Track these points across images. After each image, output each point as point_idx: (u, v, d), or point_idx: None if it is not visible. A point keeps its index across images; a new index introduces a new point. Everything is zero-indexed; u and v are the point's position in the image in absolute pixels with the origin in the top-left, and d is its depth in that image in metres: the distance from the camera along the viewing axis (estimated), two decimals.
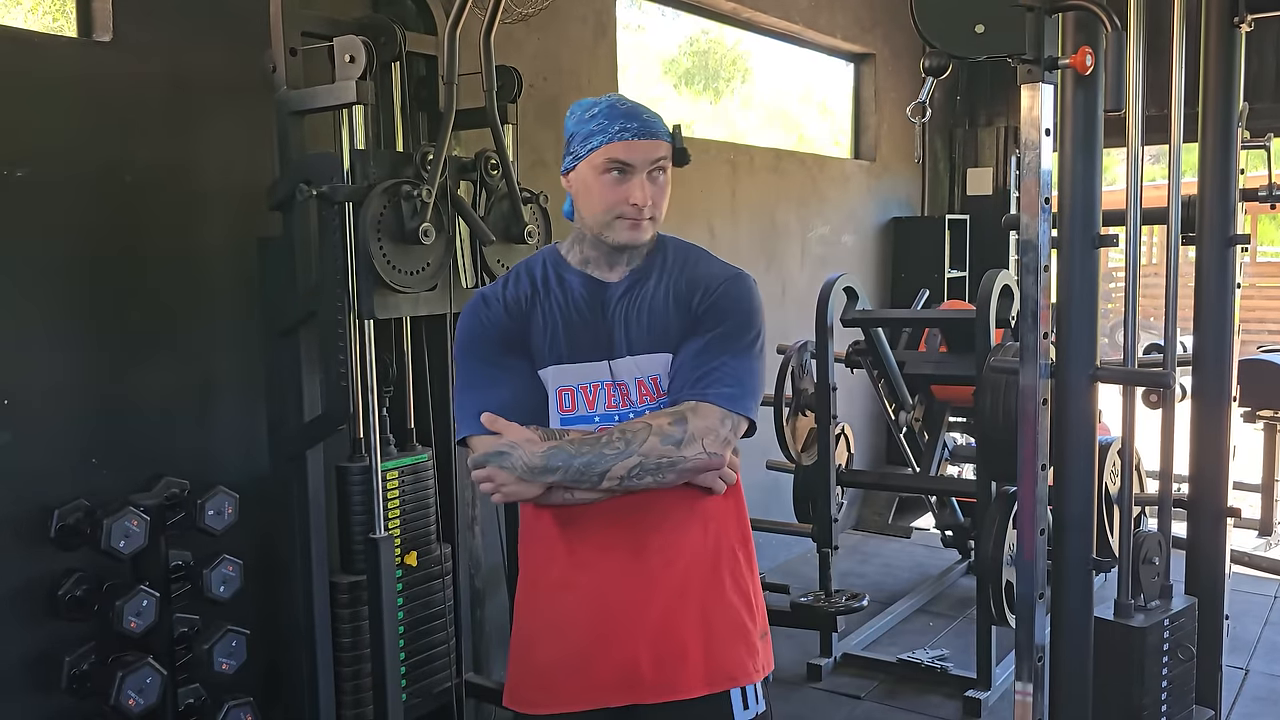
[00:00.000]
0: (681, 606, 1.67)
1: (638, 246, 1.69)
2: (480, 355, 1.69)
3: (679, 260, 1.73)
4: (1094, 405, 2.18)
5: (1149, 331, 3.34)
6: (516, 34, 3.47)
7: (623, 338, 1.67)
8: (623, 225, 1.65)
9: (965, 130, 6.59)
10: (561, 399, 1.67)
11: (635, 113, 1.65)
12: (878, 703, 3.66)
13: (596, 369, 1.66)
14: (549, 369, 1.67)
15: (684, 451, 1.57)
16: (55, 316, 2.48)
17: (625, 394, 1.66)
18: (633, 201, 1.62)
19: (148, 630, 2.40)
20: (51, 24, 2.81)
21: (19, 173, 2.39)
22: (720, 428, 1.61)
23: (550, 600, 1.72)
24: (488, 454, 1.59)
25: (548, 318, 1.69)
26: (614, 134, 1.63)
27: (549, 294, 1.70)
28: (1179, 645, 2.24)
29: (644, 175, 1.64)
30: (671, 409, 1.62)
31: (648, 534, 1.67)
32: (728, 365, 1.64)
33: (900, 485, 5.01)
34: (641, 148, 1.63)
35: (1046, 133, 1.94)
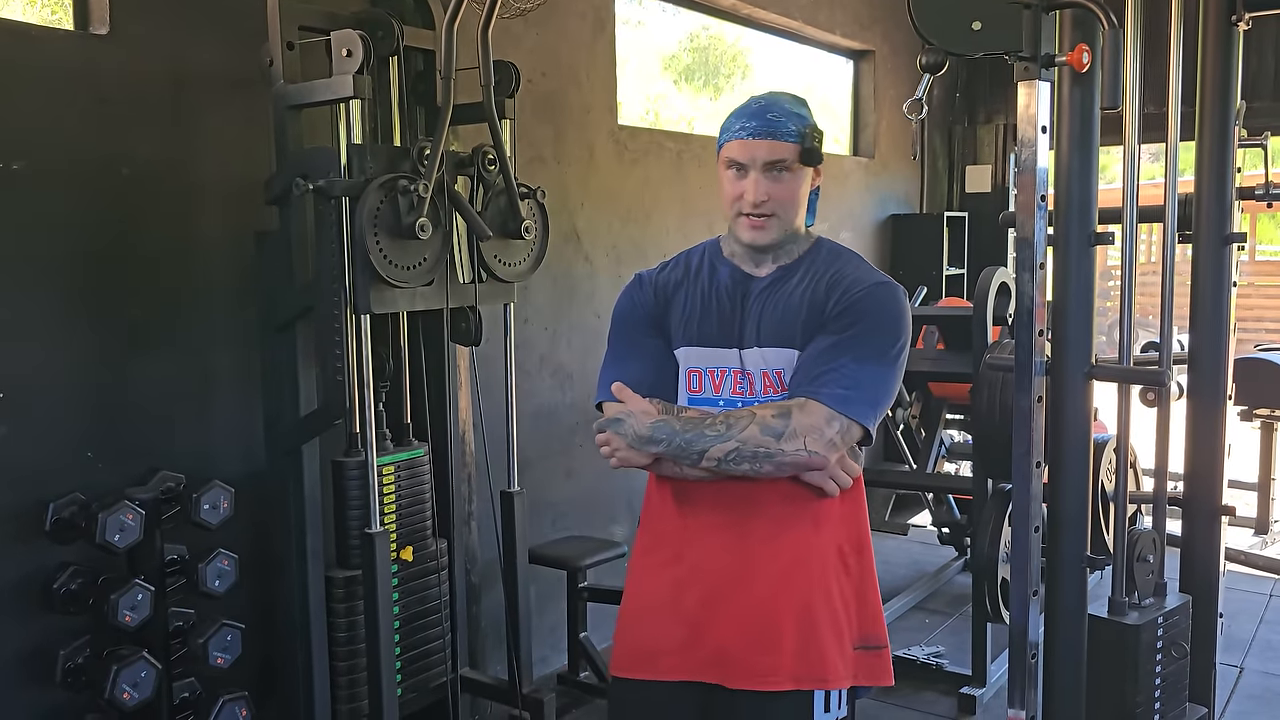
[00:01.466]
0: (782, 598, 1.69)
1: (761, 247, 1.73)
2: (623, 331, 1.80)
3: (829, 262, 1.75)
4: (1089, 403, 2.18)
5: (1147, 330, 3.33)
6: (514, 29, 3.47)
7: (753, 329, 1.71)
8: (743, 224, 1.71)
9: (964, 127, 6.59)
10: (690, 379, 1.74)
11: (762, 111, 1.71)
12: (873, 699, 3.65)
13: (727, 355, 1.72)
14: (681, 349, 1.75)
15: (783, 445, 1.58)
16: (51, 310, 2.48)
17: (751, 384, 1.70)
18: (745, 197, 1.68)
19: (143, 624, 2.40)
20: (49, 17, 2.81)
21: (15, 166, 2.39)
22: (826, 428, 1.60)
23: (660, 573, 1.77)
24: (607, 419, 1.67)
25: (690, 301, 1.76)
26: (733, 132, 1.71)
27: (697, 280, 1.77)
28: (1173, 643, 2.24)
29: (759, 173, 1.68)
30: (780, 403, 1.64)
31: (755, 524, 1.70)
32: (848, 367, 1.63)
33: (897, 482, 5.02)
34: (754, 146, 1.68)
35: (1043, 130, 1.94)
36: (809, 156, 1.71)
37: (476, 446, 3.27)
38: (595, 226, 4.08)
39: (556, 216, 3.26)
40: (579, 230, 4.00)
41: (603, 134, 4.12)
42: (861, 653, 1.77)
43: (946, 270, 6.08)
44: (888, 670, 1.80)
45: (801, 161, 1.71)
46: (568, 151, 3.94)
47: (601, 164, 4.11)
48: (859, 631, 1.77)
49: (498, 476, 3.01)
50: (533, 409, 3.76)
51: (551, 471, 3.92)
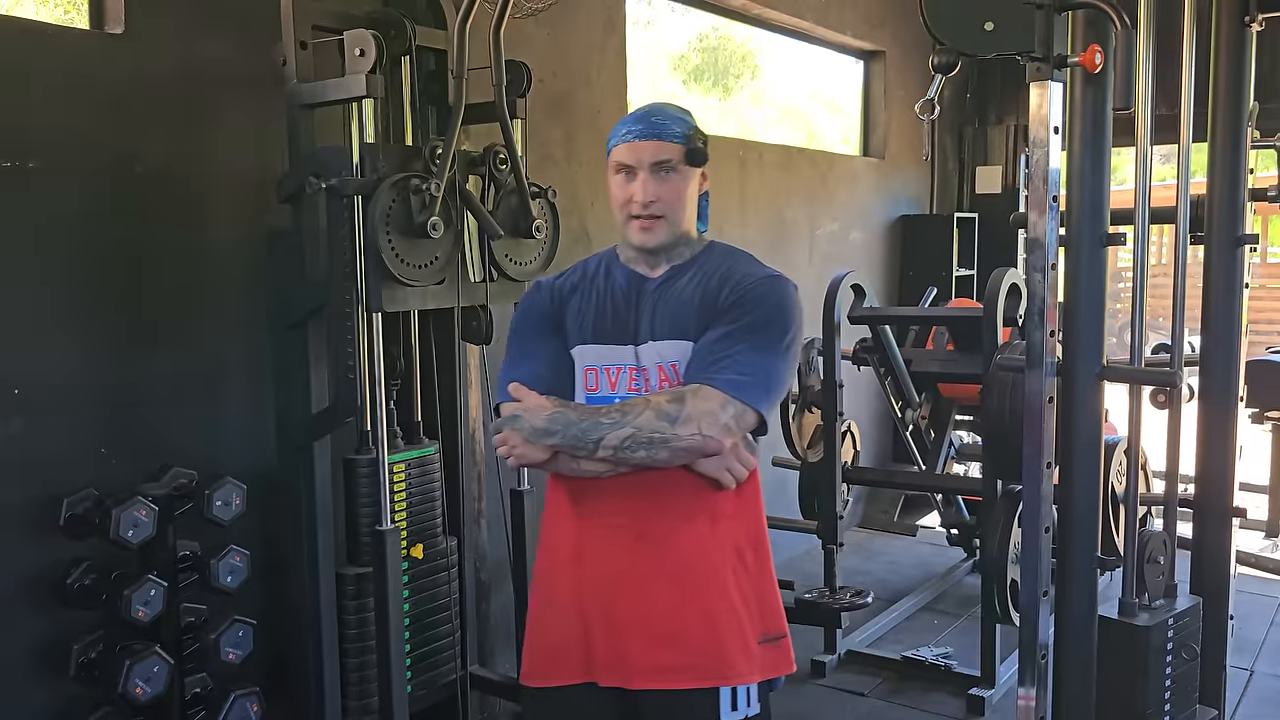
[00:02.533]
0: (679, 596, 1.69)
1: (652, 249, 1.75)
2: (519, 334, 1.83)
3: (721, 261, 1.78)
4: (1100, 404, 2.17)
5: (1159, 332, 3.32)
6: (526, 29, 3.48)
7: (648, 324, 1.73)
8: (634, 226, 1.73)
9: (975, 128, 6.58)
10: (587, 377, 1.75)
11: (646, 115, 1.74)
12: (881, 700, 3.67)
13: (622, 353, 1.74)
14: (578, 348, 1.77)
15: (678, 429, 1.59)
16: (66, 307, 2.50)
17: (646, 379, 1.72)
18: (634, 199, 1.71)
19: (155, 619, 2.42)
20: (63, 16, 2.82)
21: (31, 163, 2.41)
22: (720, 413, 1.61)
23: (559, 575, 1.77)
24: (504, 419, 1.67)
25: (585, 302, 1.79)
26: (620, 136, 1.74)
27: (593, 283, 1.80)
28: (1183, 645, 2.23)
29: (647, 174, 1.71)
30: (676, 389, 1.65)
31: (652, 520, 1.70)
32: (743, 354, 1.65)
33: (906, 483, 5.01)
34: (641, 148, 1.71)
35: (1055, 131, 1.94)
36: (694, 156, 1.75)
37: (486, 445, 3.28)
38: (606, 226, 4.09)
39: (567, 216, 3.27)
40: (589, 230, 4.01)
41: None
42: (765, 647, 1.76)
43: (956, 271, 6.07)
44: (789, 658, 1.80)
45: (687, 161, 1.75)
46: (578, 151, 3.94)
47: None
48: (760, 627, 1.76)
49: (507, 474, 3.02)
50: None
51: None
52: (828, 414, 3.82)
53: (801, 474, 4.08)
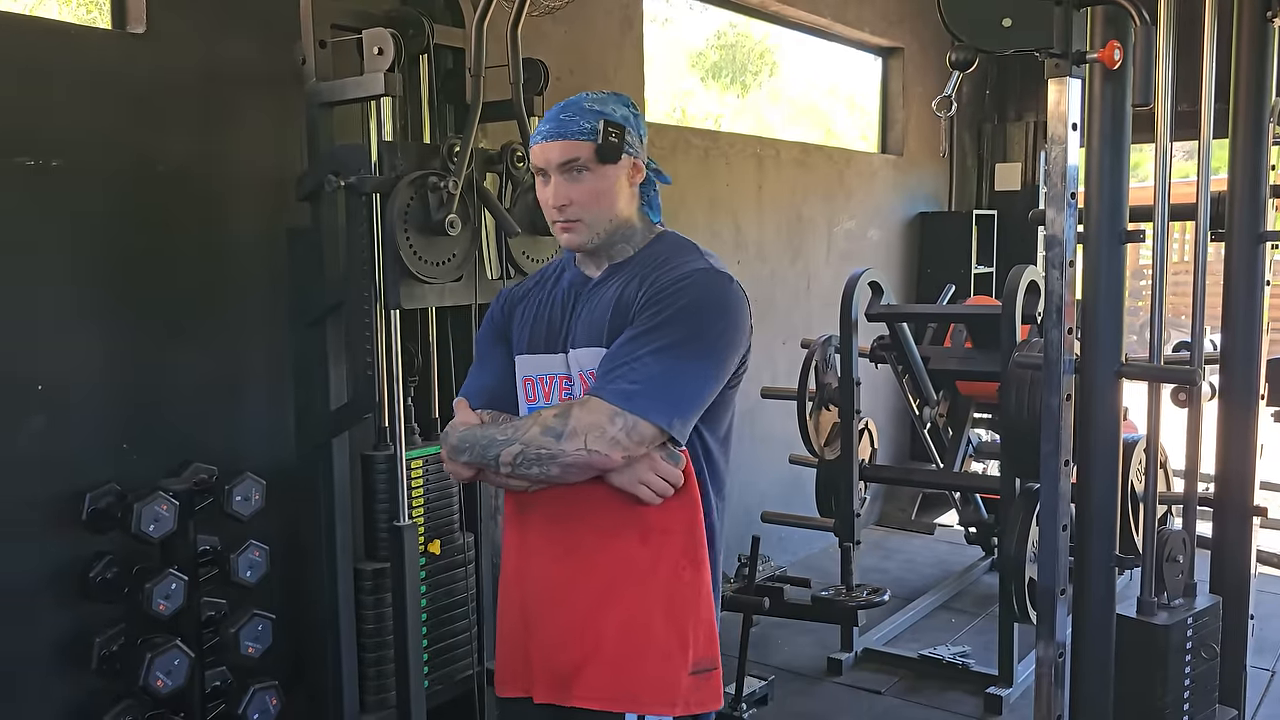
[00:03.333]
0: (597, 614, 1.61)
1: (580, 249, 1.68)
2: (478, 344, 1.82)
3: (660, 258, 1.65)
4: (1118, 402, 2.16)
5: (1180, 329, 3.29)
6: (543, 27, 3.49)
7: (572, 331, 1.66)
8: (557, 229, 1.67)
9: (994, 125, 6.54)
10: (526, 388, 1.71)
11: (556, 113, 1.65)
12: (898, 698, 3.66)
13: (554, 361, 1.68)
14: (519, 359, 1.72)
15: (563, 445, 1.51)
16: (88, 304, 2.52)
17: (573, 389, 1.64)
18: (551, 203, 1.64)
19: (176, 613, 2.44)
20: (85, 16, 2.85)
21: (54, 162, 2.43)
22: (608, 426, 1.50)
23: (503, 589, 1.77)
24: (442, 436, 1.69)
25: (528, 310, 1.74)
26: (534, 138, 1.67)
27: (541, 289, 1.75)
28: (1202, 644, 2.22)
29: (558, 175, 1.63)
30: (564, 402, 1.59)
31: (580, 535, 1.63)
32: (642, 362, 1.52)
33: (924, 481, 5.00)
34: (548, 150, 1.63)
35: (1073, 128, 1.93)
36: (605, 153, 1.60)
37: None
38: None
39: None
40: None
41: None
42: (694, 679, 1.62)
43: (975, 269, 6.04)
44: (718, 693, 1.66)
45: (599, 159, 1.61)
46: None
47: None
48: (693, 655, 1.62)
49: None
50: None
51: None
52: (845, 412, 3.81)
53: (818, 472, 4.08)
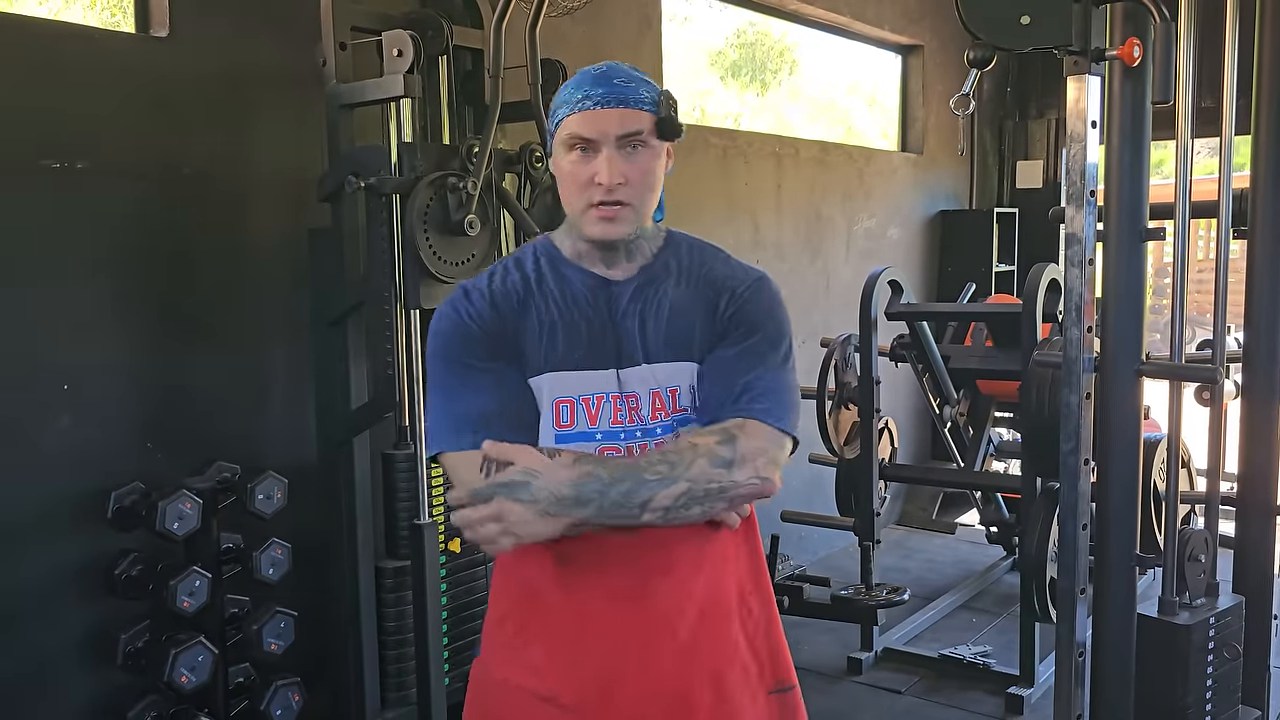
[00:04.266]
0: (691, 666, 1.43)
1: (613, 243, 1.43)
2: (460, 357, 1.41)
3: (696, 259, 1.51)
4: (1139, 400, 2.16)
5: (1204, 327, 3.27)
6: (562, 27, 3.49)
7: (638, 344, 1.43)
8: (592, 215, 1.39)
9: (1015, 122, 6.50)
10: (560, 412, 1.40)
11: (606, 78, 1.39)
12: (918, 698, 3.65)
13: (603, 378, 1.41)
14: (545, 376, 1.40)
15: (735, 475, 1.33)
16: (113, 305, 2.56)
17: (635, 408, 1.42)
18: (597, 180, 1.37)
19: (200, 610, 2.47)
20: (110, 19, 2.88)
21: (80, 165, 2.46)
22: (774, 449, 1.38)
23: (548, 652, 1.43)
24: (497, 484, 1.28)
25: (544, 316, 1.42)
26: (576, 104, 1.38)
27: (544, 289, 1.44)
28: (1225, 644, 2.21)
29: (613, 150, 1.37)
30: (716, 426, 1.38)
31: (658, 579, 1.42)
32: (766, 379, 1.42)
33: (944, 480, 4.98)
34: (604, 117, 1.37)
35: (1093, 125, 1.93)
36: (667, 128, 1.42)
37: None
38: None
39: None
40: None
41: None
42: (776, 697, 1.53)
43: (996, 267, 6.01)
44: (801, 709, 1.57)
45: (659, 135, 1.42)
46: None
47: None
48: (772, 677, 1.52)
49: None
50: None
51: None
52: (865, 411, 3.81)
53: (838, 471, 4.07)
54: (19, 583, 2.41)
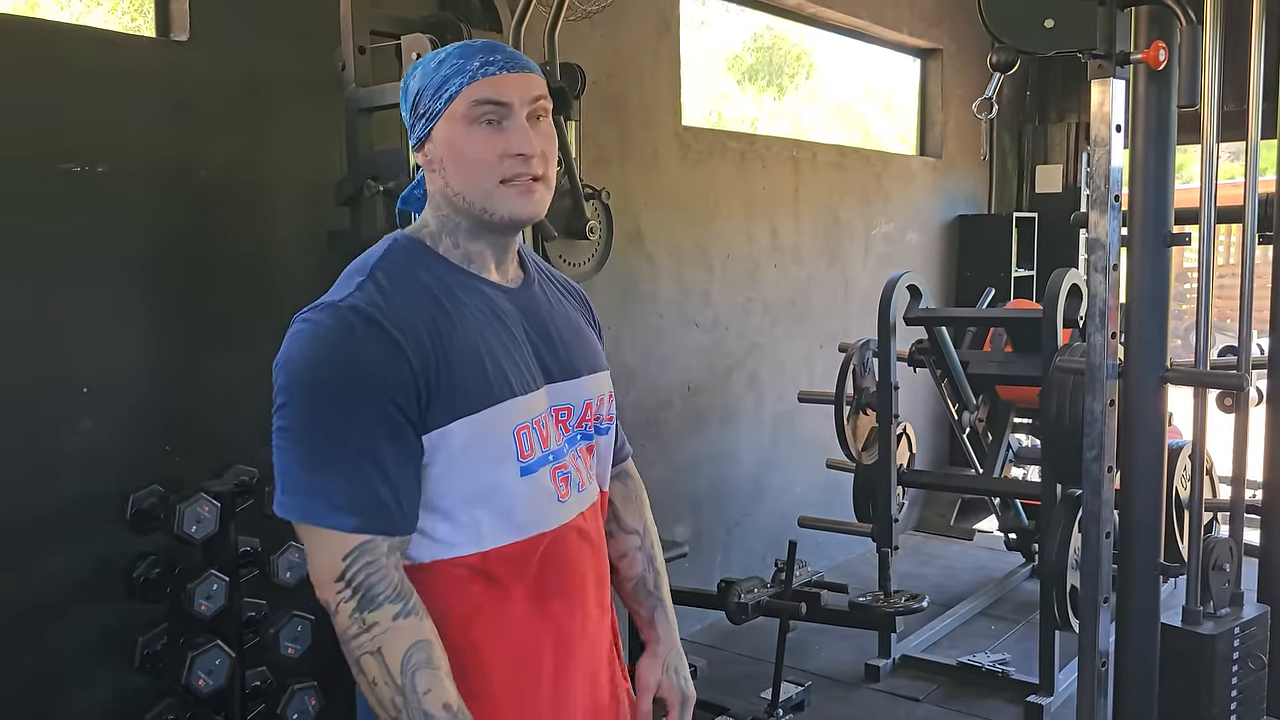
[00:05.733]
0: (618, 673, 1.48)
1: (533, 221, 1.30)
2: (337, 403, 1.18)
3: (534, 258, 1.44)
4: (1163, 407, 2.13)
5: (1228, 334, 3.23)
6: (580, 31, 3.49)
7: (560, 358, 1.34)
8: (511, 192, 1.24)
9: (1035, 126, 6.47)
10: (521, 442, 1.25)
11: (493, 47, 1.27)
12: (936, 705, 3.62)
13: (538, 399, 1.29)
14: (495, 409, 1.23)
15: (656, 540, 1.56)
16: (133, 308, 2.57)
17: (566, 421, 1.34)
18: (517, 151, 1.23)
19: (217, 613, 2.47)
20: (130, 24, 2.90)
21: (100, 168, 2.47)
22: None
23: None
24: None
25: (474, 339, 1.24)
26: (475, 71, 1.23)
27: (459, 306, 1.25)
28: (1250, 654, 2.18)
29: (524, 118, 1.24)
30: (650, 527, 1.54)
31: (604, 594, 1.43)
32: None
33: (963, 486, 4.95)
34: (514, 82, 1.24)
35: (1117, 129, 1.91)
36: (562, 99, 1.38)
37: None
38: (658, 227, 4.10)
39: (620, 217, 3.28)
40: (642, 231, 4.02)
41: (667, 134, 4.13)
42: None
43: (1015, 272, 5.98)
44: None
45: (555, 108, 1.32)
46: (632, 152, 3.96)
47: (665, 164, 4.12)
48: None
49: None
50: None
51: None
52: (883, 416, 3.79)
53: (856, 476, 4.05)
54: (38, 584, 2.42)
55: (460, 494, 1.23)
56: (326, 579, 1.19)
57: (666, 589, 1.54)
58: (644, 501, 1.55)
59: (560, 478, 1.30)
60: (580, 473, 1.34)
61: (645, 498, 1.56)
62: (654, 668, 1.48)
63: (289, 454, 1.21)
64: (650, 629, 1.51)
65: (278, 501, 1.23)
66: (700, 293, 4.33)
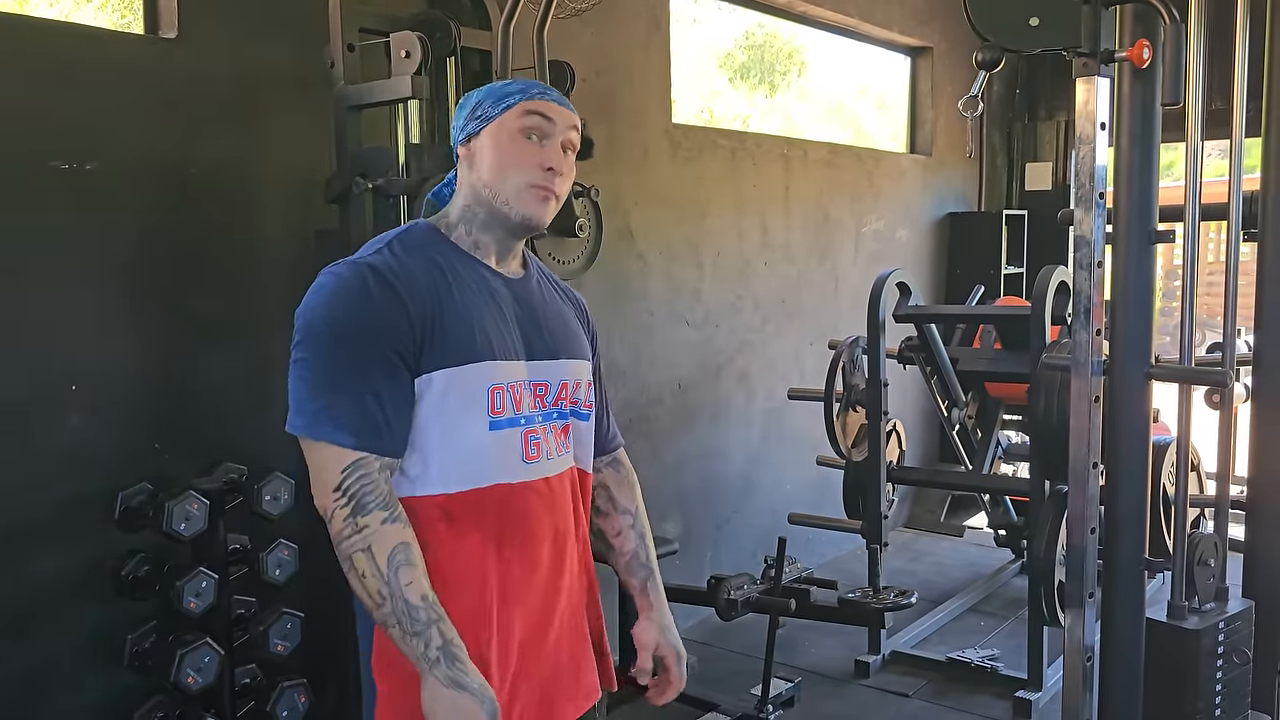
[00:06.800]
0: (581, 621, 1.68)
1: (536, 226, 1.51)
2: (364, 341, 1.39)
3: (540, 267, 1.65)
4: (1148, 404, 2.15)
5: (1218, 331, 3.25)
6: (570, 28, 3.50)
7: (546, 339, 1.53)
8: (533, 196, 1.47)
9: (1024, 124, 6.48)
10: (494, 399, 1.43)
11: (552, 88, 1.55)
12: (926, 701, 3.64)
13: (517, 368, 1.48)
14: (475, 365, 1.42)
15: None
16: (121, 305, 2.56)
17: (544, 396, 1.52)
18: (550, 165, 1.47)
19: (206, 611, 2.47)
20: (119, 21, 2.89)
21: (89, 165, 2.47)
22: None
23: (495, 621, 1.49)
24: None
25: (467, 305, 1.45)
26: (533, 94, 1.50)
27: (459, 278, 1.46)
28: (1234, 649, 2.19)
29: (559, 143, 1.50)
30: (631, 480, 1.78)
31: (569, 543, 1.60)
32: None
33: (953, 483, 4.96)
34: (561, 111, 1.50)
35: (1101, 127, 1.92)
36: (586, 147, 1.57)
37: None
38: (648, 225, 4.10)
39: (610, 215, 3.28)
40: (632, 228, 4.02)
41: (657, 132, 4.13)
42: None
43: (1005, 269, 5.99)
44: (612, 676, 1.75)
45: (578, 150, 1.56)
46: (622, 150, 3.96)
47: (655, 162, 4.13)
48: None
49: None
50: None
51: None
52: (872, 413, 3.80)
53: (846, 473, 4.06)
54: (26, 582, 2.42)
55: (435, 438, 1.42)
56: (326, 488, 1.38)
57: (655, 561, 1.74)
58: (635, 486, 1.77)
59: (531, 441, 1.49)
60: (551, 445, 1.51)
61: (636, 483, 1.78)
62: (650, 630, 1.69)
63: (304, 382, 1.43)
64: (644, 597, 1.71)
65: (290, 421, 1.44)
66: (690, 290, 4.33)
